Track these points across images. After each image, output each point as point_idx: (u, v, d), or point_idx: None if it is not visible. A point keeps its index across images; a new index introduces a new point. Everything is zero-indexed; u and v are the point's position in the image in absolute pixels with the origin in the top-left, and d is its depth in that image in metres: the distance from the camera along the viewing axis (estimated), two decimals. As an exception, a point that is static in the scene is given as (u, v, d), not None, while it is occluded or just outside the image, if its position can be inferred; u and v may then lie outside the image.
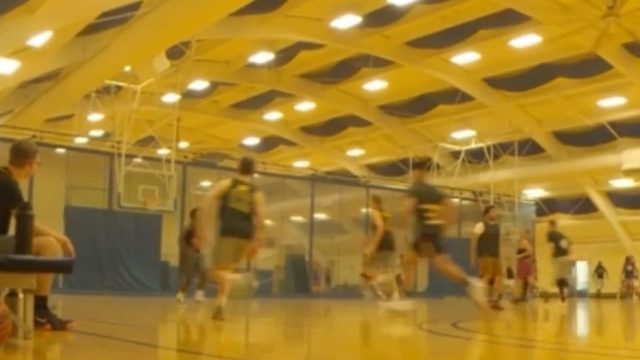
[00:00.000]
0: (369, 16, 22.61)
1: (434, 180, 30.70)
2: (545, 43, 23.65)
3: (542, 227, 33.72)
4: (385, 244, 11.89)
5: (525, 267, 18.62)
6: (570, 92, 27.60)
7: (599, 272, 30.90)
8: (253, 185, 8.44)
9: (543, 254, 24.45)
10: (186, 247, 13.18)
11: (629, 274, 26.62)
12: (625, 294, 28.34)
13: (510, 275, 29.55)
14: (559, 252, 15.59)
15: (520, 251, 18.80)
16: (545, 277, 24.49)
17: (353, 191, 29.15)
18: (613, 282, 30.57)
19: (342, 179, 31.98)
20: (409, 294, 9.75)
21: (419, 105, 31.12)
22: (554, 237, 15.95)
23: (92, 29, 20.36)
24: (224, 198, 8.20)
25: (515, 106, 29.86)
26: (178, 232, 21.74)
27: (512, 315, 11.80)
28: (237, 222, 8.10)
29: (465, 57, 26.22)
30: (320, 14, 23.16)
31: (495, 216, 14.05)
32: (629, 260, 26.54)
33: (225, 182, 8.38)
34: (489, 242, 13.46)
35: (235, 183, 8.30)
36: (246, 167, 8.52)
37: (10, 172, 5.43)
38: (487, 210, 14.22)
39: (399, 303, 10.09)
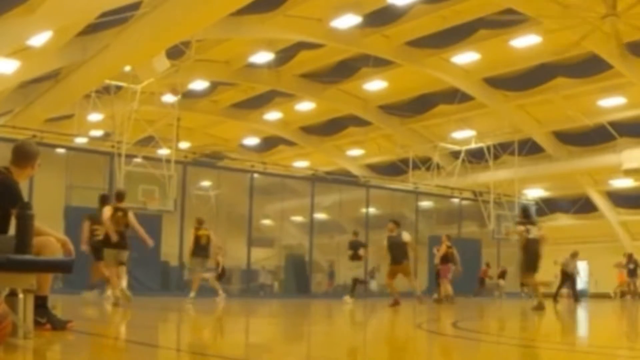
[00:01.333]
0: (369, 16, 22.61)
1: (434, 180, 30.92)
2: (545, 43, 23.65)
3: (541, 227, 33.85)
4: (200, 253, 15.73)
5: (445, 271, 19.27)
6: (570, 92, 27.59)
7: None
8: (126, 210, 11.94)
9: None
10: None
11: (631, 273, 26.16)
12: (625, 294, 28.10)
13: (502, 276, 29.53)
14: (356, 257, 18.42)
15: (443, 257, 19.38)
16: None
17: (353, 191, 29.14)
18: (614, 283, 30.45)
19: (342, 179, 31.97)
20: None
21: (419, 105, 31.12)
22: (354, 246, 18.57)
23: (92, 29, 20.36)
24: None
25: (515, 106, 29.86)
26: (178, 232, 21.83)
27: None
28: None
29: (465, 57, 26.22)
30: (320, 14, 23.15)
31: (393, 227, 15.29)
32: (630, 258, 26.15)
33: (109, 210, 11.77)
34: (393, 252, 14.93)
35: (116, 210, 11.75)
36: (121, 196, 12.14)
37: (11, 172, 5.42)
38: (387, 224, 15.60)
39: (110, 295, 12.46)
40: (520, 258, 13.61)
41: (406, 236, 15.17)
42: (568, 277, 22.57)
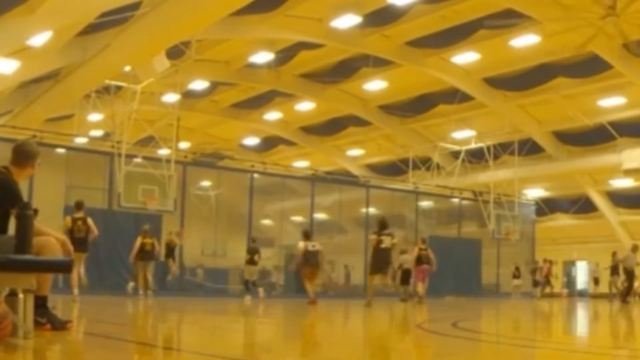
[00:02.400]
0: (369, 16, 22.61)
1: (434, 180, 30.91)
2: (545, 43, 23.64)
3: (541, 227, 33.87)
4: (144, 257, 18.05)
5: (422, 273, 19.69)
6: (570, 92, 27.60)
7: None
8: (85, 217, 13.93)
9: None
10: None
11: (612, 271, 25.49)
12: (624, 294, 27.78)
13: (534, 275, 29.36)
14: (251, 262, 20.18)
15: (417, 259, 19.79)
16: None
17: (353, 191, 29.12)
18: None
19: (342, 179, 31.97)
20: None
21: (419, 105, 31.12)
22: (251, 252, 20.32)
23: (92, 29, 20.36)
24: (71, 230, 13.56)
25: (515, 106, 29.86)
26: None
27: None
28: (78, 244, 12.76)
29: (465, 57, 26.22)
30: (320, 14, 23.16)
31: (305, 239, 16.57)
32: (613, 257, 25.62)
33: (68, 220, 13.86)
34: (309, 259, 16.07)
35: (75, 220, 13.81)
36: (79, 206, 14.06)
37: (11, 172, 5.41)
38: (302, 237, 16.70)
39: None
40: (369, 261, 16.02)
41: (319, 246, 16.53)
42: (631, 273, 22.19)
